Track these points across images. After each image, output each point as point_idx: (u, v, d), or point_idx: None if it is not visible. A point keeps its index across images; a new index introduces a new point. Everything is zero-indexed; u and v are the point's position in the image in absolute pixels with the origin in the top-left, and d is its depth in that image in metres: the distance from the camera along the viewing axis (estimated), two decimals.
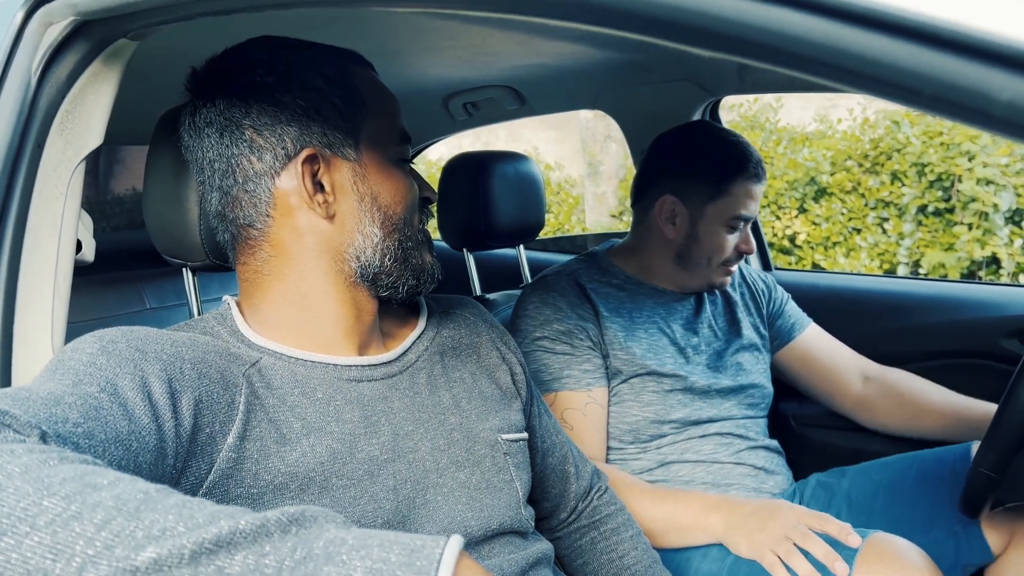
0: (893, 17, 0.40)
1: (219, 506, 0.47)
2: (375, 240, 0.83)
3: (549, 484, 1.07)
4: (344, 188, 0.82)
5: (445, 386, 0.90)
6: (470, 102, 1.97)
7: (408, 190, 0.86)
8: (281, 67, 0.81)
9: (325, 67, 0.82)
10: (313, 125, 0.80)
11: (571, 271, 1.45)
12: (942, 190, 4.05)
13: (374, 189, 0.83)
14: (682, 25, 0.46)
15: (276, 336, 0.82)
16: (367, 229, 0.83)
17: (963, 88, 0.39)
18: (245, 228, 0.83)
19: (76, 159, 0.80)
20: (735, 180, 1.38)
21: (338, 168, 0.82)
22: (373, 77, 0.88)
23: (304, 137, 0.80)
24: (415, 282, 0.87)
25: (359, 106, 0.83)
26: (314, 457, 0.75)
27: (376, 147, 0.84)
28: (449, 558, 0.45)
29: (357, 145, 0.83)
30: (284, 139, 0.80)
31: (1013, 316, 1.55)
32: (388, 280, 0.85)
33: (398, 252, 0.85)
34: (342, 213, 0.82)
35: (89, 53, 0.77)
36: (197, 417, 0.68)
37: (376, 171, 0.84)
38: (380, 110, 0.85)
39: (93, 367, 0.64)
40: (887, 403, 1.53)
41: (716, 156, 1.40)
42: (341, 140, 0.82)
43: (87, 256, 0.84)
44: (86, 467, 0.49)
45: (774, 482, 1.41)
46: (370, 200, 0.83)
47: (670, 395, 1.38)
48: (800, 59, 0.42)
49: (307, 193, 0.81)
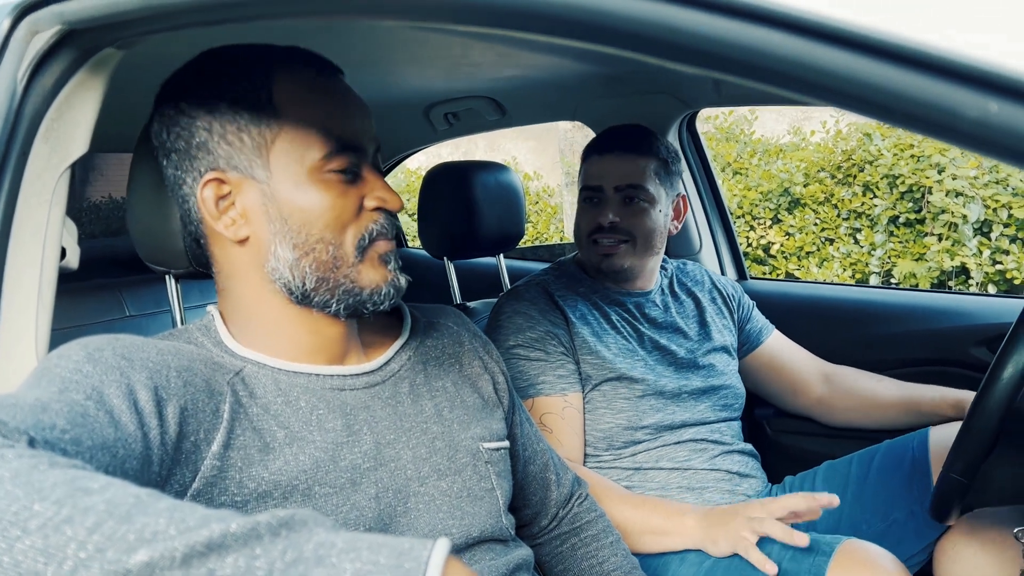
0: (866, 38, 0.42)
1: (209, 509, 0.47)
2: (288, 262, 0.79)
3: (530, 491, 1.08)
4: (255, 210, 0.79)
5: (427, 395, 0.91)
6: (451, 112, 1.98)
7: (330, 208, 0.79)
8: (194, 93, 0.79)
9: (238, 83, 0.79)
10: (219, 148, 0.79)
11: (540, 281, 1.49)
12: (913, 201, 4.12)
13: (284, 210, 0.79)
14: (661, 42, 0.48)
15: (256, 346, 0.82)
16: (279, 251, 0.79)
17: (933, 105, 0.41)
18: (197, 241, 0.85)
19: (61, 167, 0.80)
20: (585, 159, 1.51)
21: (247, 190, 0.79)
22: (307, 82, 0.81)
23: (210, 161, 0.79)
24: (354, 301, 0.82)
25: (269, 122, 0.78)
26: (297, 465, 0.75)
27: (290, 163, 0.79)
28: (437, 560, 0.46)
29: (267, 164, 0.79)
30: (196, 163, 0.80)
31: (982, 325, 1.59)
32: (320, 300, 0.81)
33: (318, 273, 0.80)
34: (255, 235, 0.80)
35: (75, 62, 0.77)
36: (182, 425, 0.69)
37: (289, 189, 0.79)
38: (301, 120, 0.79)
39: (79, 374, 0.64)
40: (843, 399, 1.60)
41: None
42: (248, 161, 0.79)
43: (71, 263, 0.84)
44: (76, 472, 0.49)
45: (748, 485, 1.44)
46: (280, 221, 0.79)
47: (642, 400, 1.40)
48: (782, 77, 0.43)
49: (211, 217, 0.80)
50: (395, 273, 0.84)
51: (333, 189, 0.79)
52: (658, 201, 1.45)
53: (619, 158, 1.44)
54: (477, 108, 1.94)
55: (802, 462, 1.58)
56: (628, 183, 1.43)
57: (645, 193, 1.43)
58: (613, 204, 1.44)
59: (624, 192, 1.44)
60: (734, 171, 4.90)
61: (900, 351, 1.68)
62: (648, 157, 1.44)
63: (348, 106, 0.82)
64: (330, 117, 0.80)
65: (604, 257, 1.45)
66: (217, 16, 0.66)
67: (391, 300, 0.84)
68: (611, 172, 1.44)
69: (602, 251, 1.45)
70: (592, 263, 1.48)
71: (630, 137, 1.46)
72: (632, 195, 1.43)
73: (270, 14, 0.62)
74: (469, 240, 1.70)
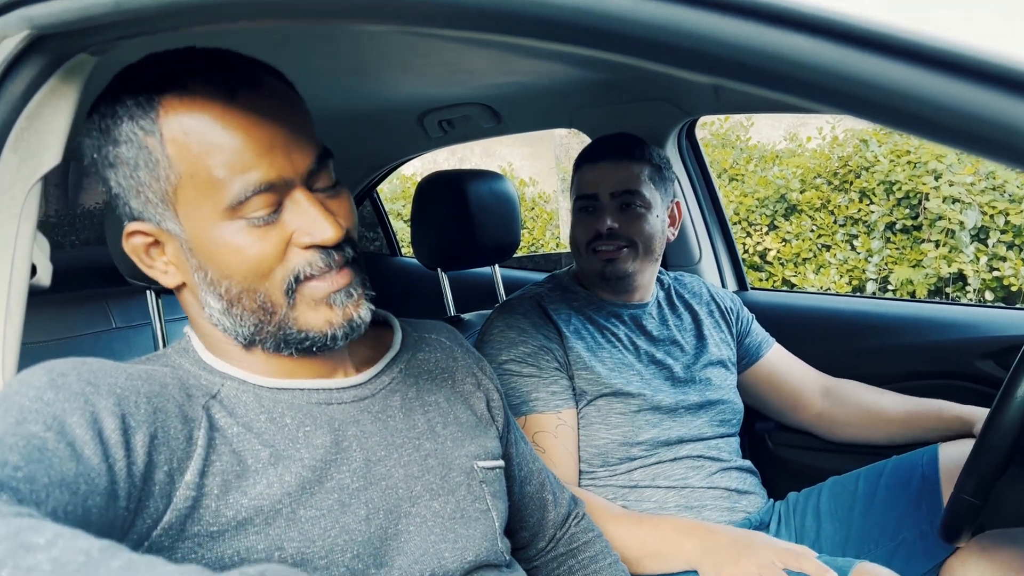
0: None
1: (170, 566, 0.42)
2: (220, 311, 0.75)
3: (527, 513, 1.04)
4: (180, 261, 0.76)
5: (420, 410, 0.87)
6: (445, 119, 1.96)
7: (244, 259, 0.72)
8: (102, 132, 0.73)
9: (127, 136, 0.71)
10: (132, 202, 0.74)
11: (533, 294, 1.46)
12: (910, 208, 4.11)
13: (202, 262, 0.73)
14: (663, 46, 0.44)
15: (236, 363, 0.79)
16: (209, 301, 0.75)
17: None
18: None
19: (32, 179, 0.76)
20: (576, 169, 1.49)
21: (167, 240, 0.75)
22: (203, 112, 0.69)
23: (128, 211, 0.75)
24: (308, 342, 0.76)
25: (167, 176, 0.71)
26: (281, 487, 0.71)
27: (199, 213, 0.72)
28: None
29: (176, 217, 0.73)
30: (118, 211, 0.77)
31: (988, 337, 1.55)
32: (268, 344, 0.77)
33: (253, 320, 0.75)
34: (188, 283, 0.77)
35: (46, 68, 0.73)
36: (152, 455, 0.64)
37: (203, 241, 0.72)
38: (200, 164, 0.70)
39: (39, 403, 0.60)
40: (845, 413, 1.57)
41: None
42: (159, 214, 0.73)
43: (43, 281, 0.80)
44: (21, 522, 0.44)
45: (747, 502, 1.41)
46: (201, 274, 0.74)
47: (638, 416, 1.37)
48: (801, 85, 0.40)
49: (144, 266, 0.77)
50: (347, 308, 0.76)
51: (246, 237, 0.71)
52: (654, 206, 1.43)
53: (613, 165, 1.42)
54: (472, 115, 1.91)
55: (805, 477, 1.55)
56: (624, 189, 1.41)
57: (641, 198, 1.42)
58: (610, 211, 1.42)
59: (620, 198, 1.42)
60: (730, 177, 4.88)
61: (904, 364, 1.65)
62: (641, 163, 1.43)
63: (262, 134, 0.70)
64: (236, 155, 0.69)
65: (607, 263, 1.42)
66: (190, 20, 0.62)
67: (349, 337, 0.77)
68: (606, 179, 1.42)
69: (604, 257, 1.42)
70: (594, 272, 1.45)
71: (622, 144, 1.44)
72: (628, 201, 1.41)
73: (244, 17, 0.59)
74: (463, 251, 1.67)
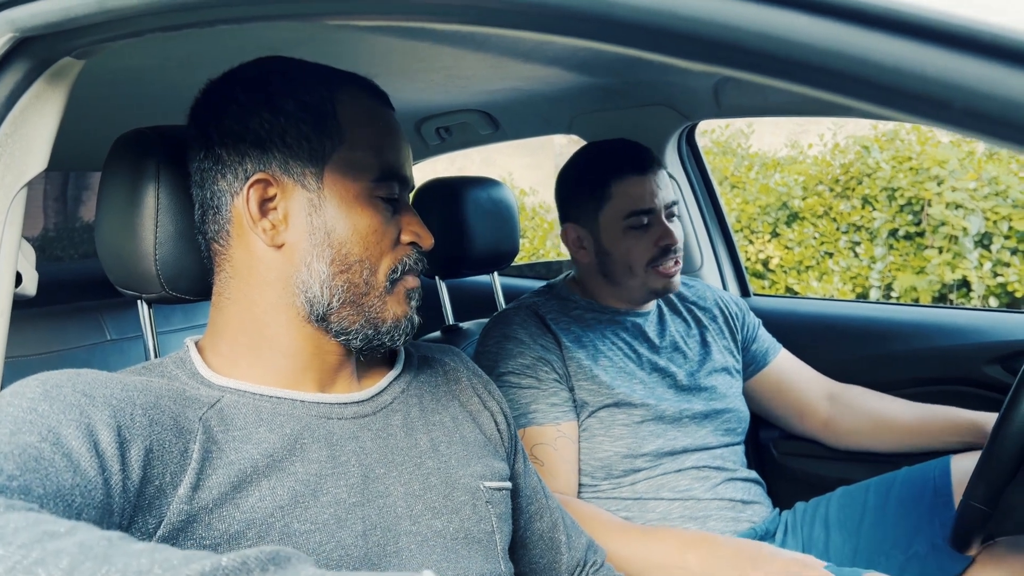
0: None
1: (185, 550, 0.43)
2: (321, 277, 0.78)
3: (537, 553, 0.99)
4: (297, 218, 0.78)
5: (423, 429, 0.85)
6: (443, 127, 1.94)
7: (374, 231, 0.80)
8: (258, 88, 0.79)
9: (305, 91, 0.79)
10: (275, 150, 0.77)
11: (530, 304, 1.43)
12: (912, 214, 4.09)
13: (329, 224, 0.78)
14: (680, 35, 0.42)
15: (237, 373, 0.78)
16: (314, 264, 0.78)
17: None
18: (212, 243, 0.82)
19: (16, 185, 0.74)
20: (611, 182, 1.37)
21: (294, 197, 0.78)
22: (368, 106, 0.82)
23: (263, 160, 0.77)
24: (372, 332, 0.81)
25: (332, 135, 0.78)
26: (273, 501, 0.70)
27: (344, 179, 0.79)
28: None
29: (321, 175, 0.78)
30: (245, 160, 0.78)
31: (995, 342, 1.53)
32: (340, 324, 0.80)
33: (347, 295, 0.79)
34: (292, 243, 0.78)
35: (31, 72, 0.72)
36: (147, 468, 0.63)
37: (337, 205, 0.78)
38: (360, 141, 0.80)
39: (34, 414, 0.59)
40: (851, 420, 1.54)
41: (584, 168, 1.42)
42: (302, 168, 0.78)
43: (28, 290, 0.78)
44: (38, 515, 0.44)
45: (752, 511, 1.38)
46: (323, 234, 0.78)
47: (641, 426, 1.34)
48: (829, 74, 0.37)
49: (251, 218, 0.78)
50: (413, 308, 0.85)
51: (380, 214, 0.80)
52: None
53: (658, 175, 1.38)
54: (470, 122, 1.90)
55: (811, 487, 1.53)
56: (672, 199, 1.40)
57: (678, 207, 1.41)
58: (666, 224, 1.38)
59: (669, 209, 1.39)
60: (731, 185, 4.86)
61: (910, 370, 1.63)
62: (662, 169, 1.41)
63: (398, 138, 0.84)
64: (384, 143, 0.81)
65: (670, 279, 1.39)
66: (176, 21, 0.60)
67: (407, 336, 0.83)
68: (659, 190, 1.37)
69: (669, 272, 1.38)
70: (648, 290, 1.40)
71: (645, 152, 1.40)
72: (673, 211, 1.40)
73: (231, 18, 0.57)
74: (461, 258, 1.64)
